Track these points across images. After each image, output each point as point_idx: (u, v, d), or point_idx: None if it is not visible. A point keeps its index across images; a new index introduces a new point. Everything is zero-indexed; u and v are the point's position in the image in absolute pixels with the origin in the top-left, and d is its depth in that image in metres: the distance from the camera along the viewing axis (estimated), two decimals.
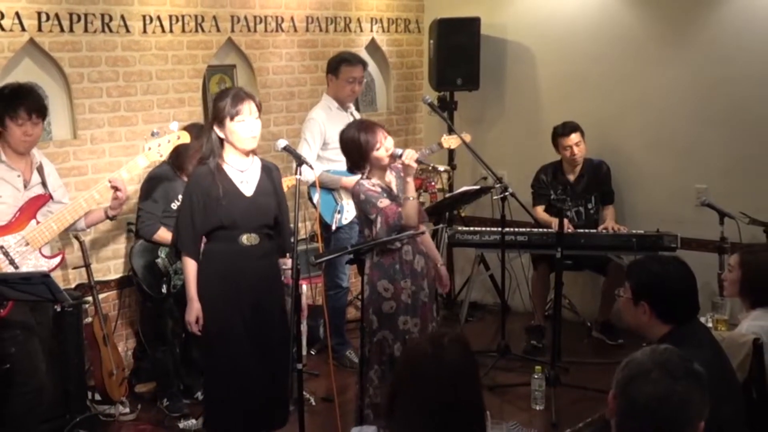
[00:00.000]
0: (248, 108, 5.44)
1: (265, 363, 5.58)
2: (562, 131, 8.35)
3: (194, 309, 5.49)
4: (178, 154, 6.60)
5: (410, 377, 3.25)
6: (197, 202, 5.45)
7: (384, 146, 5.99)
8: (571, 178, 8.46)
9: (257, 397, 5.59)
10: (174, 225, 5.72)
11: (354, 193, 6.13)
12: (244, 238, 5.53)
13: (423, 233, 6.18)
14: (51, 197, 5.90)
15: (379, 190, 6.01)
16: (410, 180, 5.99)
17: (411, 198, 5.97)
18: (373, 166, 6.06)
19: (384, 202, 5.94)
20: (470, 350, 3.36)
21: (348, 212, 7.60)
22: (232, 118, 5.40)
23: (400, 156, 5.99)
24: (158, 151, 5.93)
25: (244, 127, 5.44)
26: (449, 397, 3.17)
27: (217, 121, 5.46)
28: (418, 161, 6.08)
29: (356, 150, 6.01)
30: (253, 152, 5.63)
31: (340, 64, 7.73)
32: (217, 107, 5.49)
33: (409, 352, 3.44)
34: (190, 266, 5.53)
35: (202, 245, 5.62)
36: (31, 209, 5.76)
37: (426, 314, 6.19)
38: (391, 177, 6.18)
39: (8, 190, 5.73)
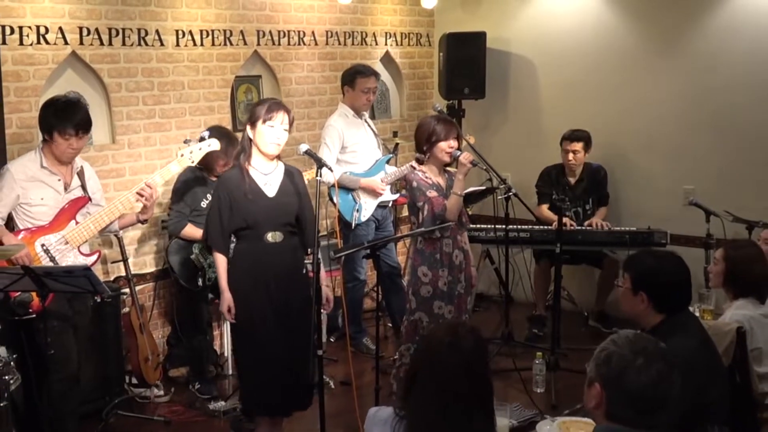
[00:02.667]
0: (281, 117, 5.42)
1: (290, 349, 5.55)
2: (568, 135, 8.35)
3: (226, 300, 5.46)
4: (205, 158, 6.57)
5: (428, 363, 3.25)
6: (224, 202, 5.44)
7: (449, 143, 6.12)
8: (572, 181, 8.43)
9: (284, 380, 5.58)
10: (204, 224, 5.71)
11: (407, 180, 6.24)
12: (269, 236, 5.49)
13: (451, 224, 6.23)
14: (90, 199, 5.91)
15: (430, 182, 6.15)
16: (461, 177, 6.15)
17: (458, 194, 6.12)
18: (433, 156, 6.18)
19: (432, 193, 6.09)
20: (483, 340, 3.37)
21: (366, 210, 7.61)
22: (264, 121, 5.38)
23: (458, 157, 6.16)
24: (190, 157, 5.92)
25: (271, 132, 5.41)
26: (462, 382, 3.17)
27: (251, 122, 5.44)
28: (472, 162, 6.18)
29: (427, 136, 6.15)
30: (278, 158, 5.62)
31: (355, 76, 7.70)
32: (254, 110, 5.48)
33: (427, 340, 3.43)
34: (221, 261, 5.51)
35: (232, 245, 5.61)
36: (71, 210, 5.76)
37: (461, 305, 6.30)
38: (440, 177, 6.28)
39: (49, 193, 5.73)
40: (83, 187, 5.89)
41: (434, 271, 6.14)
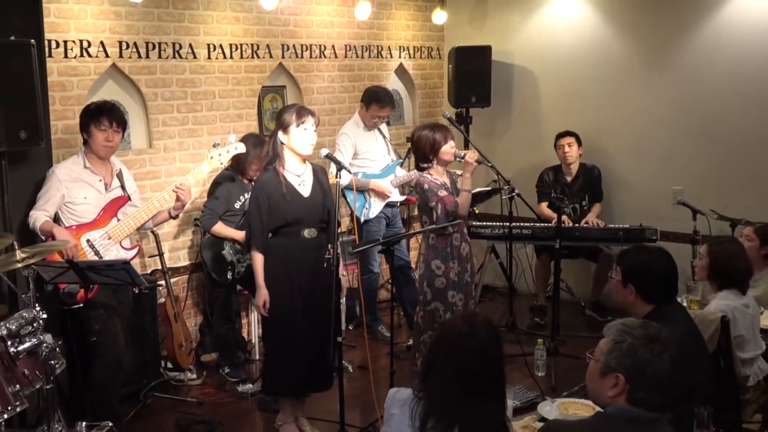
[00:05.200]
0: (311, 120, 5.45)
1: (316, 336, 5.57)
2: (560, 134, 8.43)
3: (262, 295, 5.46)
4: (239, 162, 6.63)
5: (446, 350, 3.24)
6: (264, 203, 5.42)
7: (450, 144, 6.13)
8: (569, 179, 8.44)
9: (309, 364, 5.60)
10: (246, 225, 5.67)
11: (418, 184, 6.19)
12: (306, 232, 5.52)
13: (461, 221, 6.25)
14: (129, 198, 5.95)
15: (439, 182, 6.14)
16: (468, 176, 6.16)
17: (467, 191, 6.13)
18: (438, 161, 6.16)
19: (443, 193, 6.08)
20: (497, 331, 3.36)
21: (374, 208, 7.62)
22: (297, 125, 5.40)
23: (463, 157, 6.17)
24: (219, 159, 5.98)
25: (306, 135, 5.44)
26: (477, 368, 3.16)
27: (282, 128, 5.43)
28: (478, 161, 6.21)
29: (429, 146, 6.13)
30: (307, 158, 5.63)
31: (372, 101, 7.63)
32: (283, 117, 5.46)
33: (445, 329, 3.43)
34: (259, 259, 5.48)
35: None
36: (112, 208, 5.81)
37: (468, 291, 6.33)
38: (445, 177, 6.28)
39: (92, 192, 5.78)
40: (122, 187, 5.93)
41: (446, 264, 6.14)
